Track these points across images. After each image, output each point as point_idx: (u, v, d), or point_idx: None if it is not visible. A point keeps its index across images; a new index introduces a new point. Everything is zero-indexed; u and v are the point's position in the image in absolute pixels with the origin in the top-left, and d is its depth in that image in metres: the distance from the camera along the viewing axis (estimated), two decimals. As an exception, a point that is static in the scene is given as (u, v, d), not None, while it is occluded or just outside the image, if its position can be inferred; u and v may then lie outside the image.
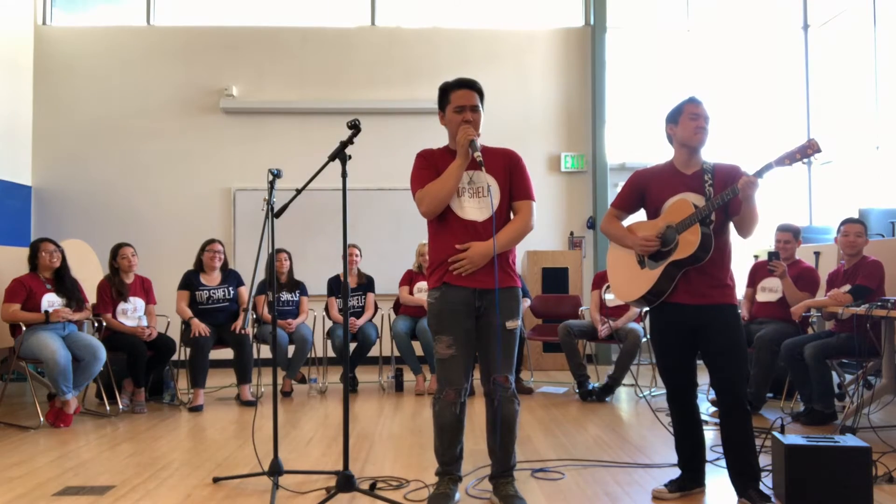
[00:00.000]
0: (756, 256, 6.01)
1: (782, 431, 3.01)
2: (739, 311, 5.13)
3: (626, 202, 3.06)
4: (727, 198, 2.75)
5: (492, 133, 3.23)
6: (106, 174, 7.73)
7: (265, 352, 5.92)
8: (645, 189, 3.00)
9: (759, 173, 2.70)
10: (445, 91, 2.83)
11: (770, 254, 4.83)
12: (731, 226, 2.91)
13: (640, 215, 3.09)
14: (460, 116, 2.76)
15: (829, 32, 7.93)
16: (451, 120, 2.79)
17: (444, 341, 2.78)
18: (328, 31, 7.94)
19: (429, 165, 2.83)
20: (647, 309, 3.01)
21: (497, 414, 2.81)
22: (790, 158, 2.67)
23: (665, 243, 2.88)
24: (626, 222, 3.10)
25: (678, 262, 2.83)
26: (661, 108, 2.99)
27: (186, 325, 5.32)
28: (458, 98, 2.78)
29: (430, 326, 2.84)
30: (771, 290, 4.97)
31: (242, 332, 5.27)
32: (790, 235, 4.97)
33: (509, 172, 2.85)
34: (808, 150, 2.64)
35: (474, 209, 2.78)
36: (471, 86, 2.80)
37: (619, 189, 3.13)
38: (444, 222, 2.80)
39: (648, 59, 8.13)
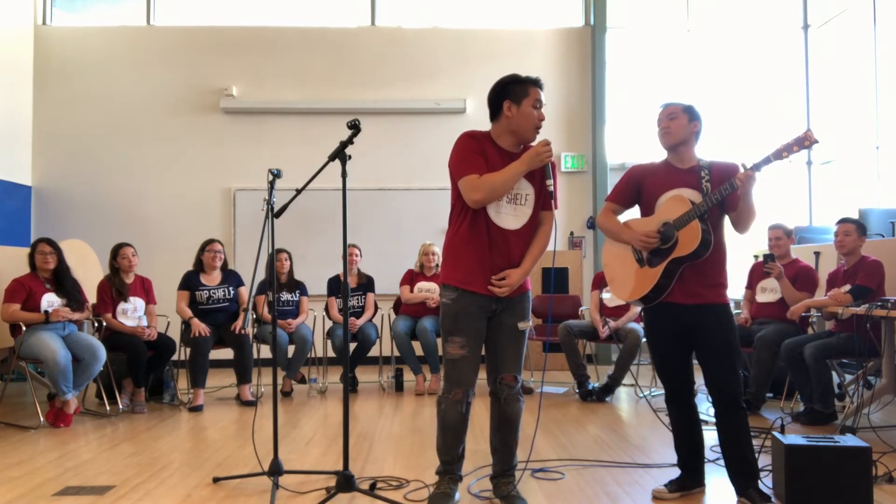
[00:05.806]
0: (756, 257, 6.01)
1: (782, 431, 3.01)
2: (738, 311, 5.16)
3: (623, 196, 3.05)
4: (725, 192, 2.74)
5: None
6: (106, 174, 7.72)
7: (265, 352, 5.91)
8: (641, 183, 3.00)
9: (757, 167, 2.70)
10: (521, 83, 2.79)
11: (766, 255, 4.85)
12: (727, 224, 2.91)
13: (633, 213, 3.08)
14: (538, 113, 2.77)
15: (829, 32, 7.92)
16: (528, 114, 2.75)
17: (457, 342, 2.78)
18: (328, 31, 7.94)
19: (480, 150, 2.76)
20: (641, 308, 3.01)
21: (502, 412, 2.87)
22: (787, 150, 2.67)
23: (664, 240, 2.87)
24: (622, 219, 3.08)
25: (679, 258, 2.82)
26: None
27: (186, 325, 5.32)
28: (538, 94, 2.78)
29: (443, 326, 2.83)
30: (770, 290, 4.98)
31: (242, 332, 5.27)
32: (781, 232, 5.01)
33: (541, 180, 2.80)
34: (804, 142, 2.64)
35: (510, 216, 2.77)
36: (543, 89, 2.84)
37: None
38: (475, 224, 2.75)
39: (648, 59, 8.12)
